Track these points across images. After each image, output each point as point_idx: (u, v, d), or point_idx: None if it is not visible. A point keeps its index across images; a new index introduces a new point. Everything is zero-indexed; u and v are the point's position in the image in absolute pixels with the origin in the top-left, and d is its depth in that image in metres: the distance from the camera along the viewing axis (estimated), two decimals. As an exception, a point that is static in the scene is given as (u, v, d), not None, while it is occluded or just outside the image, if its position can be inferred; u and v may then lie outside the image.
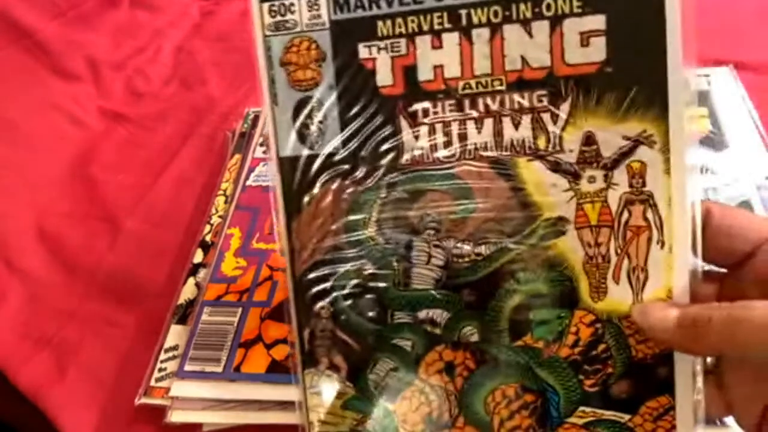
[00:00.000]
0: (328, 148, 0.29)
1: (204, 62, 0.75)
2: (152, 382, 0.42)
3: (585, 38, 0.26)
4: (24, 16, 0.73)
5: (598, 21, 0.26)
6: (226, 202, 0.53)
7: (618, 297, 0.27)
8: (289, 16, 0.28)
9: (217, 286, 0.46)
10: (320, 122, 0.29)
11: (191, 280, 0.48)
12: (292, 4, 0.28)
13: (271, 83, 0.29)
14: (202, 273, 0.48)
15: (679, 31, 0.25)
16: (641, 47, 0.25)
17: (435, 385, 0.29)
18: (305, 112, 0.29)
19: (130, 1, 0.82)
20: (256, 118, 0.61)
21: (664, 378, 0.27)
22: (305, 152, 0.29)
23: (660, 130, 0.26)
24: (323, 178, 0.29)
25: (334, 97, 0.28)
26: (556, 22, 0.26)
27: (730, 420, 0.30)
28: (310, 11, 0.28)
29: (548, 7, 0.26)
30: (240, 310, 0.44)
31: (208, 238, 0.51)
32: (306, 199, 0.29)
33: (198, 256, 0.50)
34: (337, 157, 0.29)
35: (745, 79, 0.52)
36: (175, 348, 0.43)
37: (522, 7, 0.26)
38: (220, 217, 0.52)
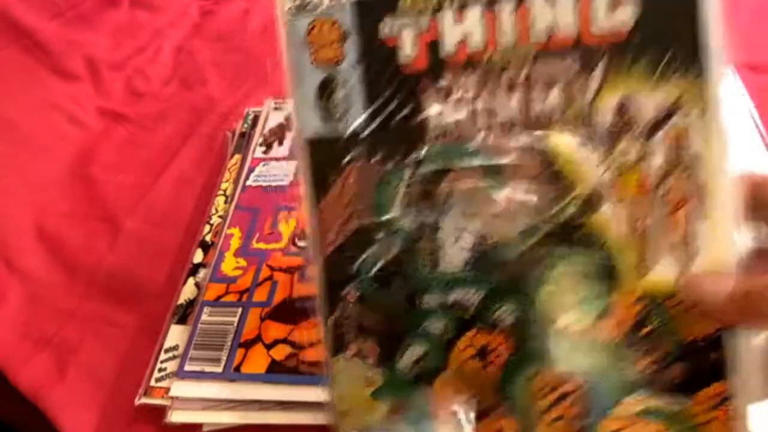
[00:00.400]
0: (352, 127, 0.28)
1: (204, 62, 0.75)
2: (152, 382, 0.42)
3: (614, 2, 0.24)
4: (24, 16, 0.73)
5: None
6: (226, 202, 0.53)
7: (662, 274, 0.25)
8: (311, 5, 0.28)
9: (217, 286, 0.46)
10: (344, 101, 0.28)
11: (191, 280, 0.48)
12: None
13: (294, 64, 0.29)
14: (202, 273, 0.48)
15: (717, 5, 0.23)
16: (675, 8, 0.23)
17: (468, 371, 0.28)
18: (329, 91, 0.28)
19: (130, 1, 0.82)
20: (256, 118, 0.61)
21: (718, 361, 0.24)
22: (330, 132, 0.28)
23: (698, 96, 0.23)
24: (348, 157, 0.28)
25: (357, 75, 0.28)
26: None
27: None
28: None
29: None
30: (240, 310, 0.44)
31: (208, 238, 0.51)
32: (331, 180, 0.29)
33: (198, 256, 0.50)
34: (361, 136, 0.28)
35: (745, 79, 0.52)
36: (175, 348, 0.43)
37: None
38: (220, 217, 0.52)
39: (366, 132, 0.28)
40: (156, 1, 0.83)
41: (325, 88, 0.28)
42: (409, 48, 0.27)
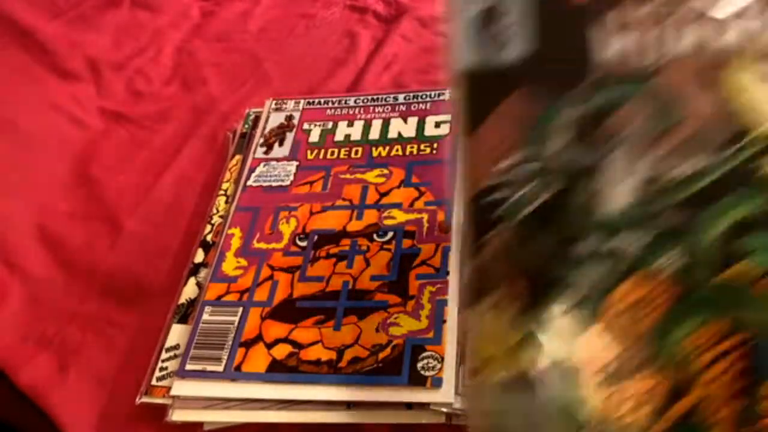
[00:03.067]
0: (513, 57, 0.26)
1: (205, 62, 0.75)
2: (153, 382, 0.42)
3: None
4: (24, 16, 0.73)
5: None
6: (226, 202, 0.53)
7: None
8: None
9: (218, 286, 0.46)
10: (507, 30, 0.26)
11: (192, 280, 0.48)
12: None
13: None
14: (203, 273, 0.48)
15: None
16: None
17: (624, 324, 0.25)
18: (493, 17, 0.26)
19: (131, 1, 0.82)
20: (257, 118, 0.61)
21: None
22: (490, 60, 0.26)
23: None
24: (507, 88, 0.26)
25: (522, 3, 0.26)
26: None
27: None
28: None
29: None
30: (240, 309, 0.44)
31: (209, 238, 0.51)
32: (486, 112, 0.26)
33: (199, 256, 0.50)
34: (523, 67, 0.26)
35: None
36: (176, 347, 0.44)
37: None
38: (220, 217, 0.52)
39: (528, 63, 0.26)
40: (156, 1, 0.83)
41: (489, 15, 0.26)
42: None
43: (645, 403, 0.24)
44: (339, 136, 0.57)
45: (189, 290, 0.47)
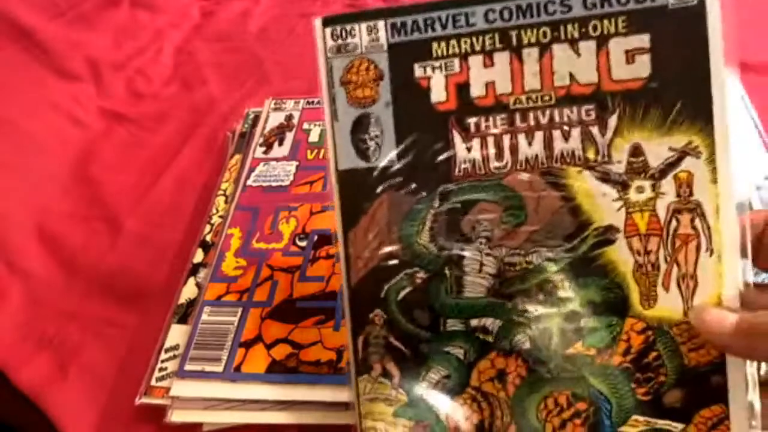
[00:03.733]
0: (383, 161, 0.30)
1: (204, 62, 0.75)
2: (153, 382, 0.42)
3: (630, 56, 0.27)
4: (24, 16, 0.73)
5: (642, 40, 0.27)
6: (226, 202, 0.53)
7: (668, 305, 0.27)
8: (350, 40, 0.31)
9: (218, 286, 0.46)
10: (377, 137, 0.30)
11: (191, 280, 0.48)
12: (353, 29, 0.31)
13: (332, 101, 0.31)
14: (202, 273, 0.48)
15: (721, 48, 0.26)
16: (685, 64, 0.26)
17: (487, 392, 0.30)
18: (363, 127, 0.30)
19: (131, 1, 0.82)
20: (257, 118, 0.61)
21: (718, 386, 0.27)
22: (362, 165, 0.31)
23: (705, 142, 0.26)
24: (379, 189, 0.31)
25: (390, 113, 0.30)
26: (602, 41, 0.27)
27: None
28: (369, 35, 0.30)
29: (594, 27, 0.27)
30: (240, 309, 0.44)
31: (208, 238, 0.51)
32: (362, 209, 0.31)
33: (198, 256, 0.50)
34: (392, 170, 0.30)
35: (746, 80, 0.52)
36: (175, 348, 0.43)
37: (570, 27, 0.28)
38: (220, 217, 0.52)
39: (397, 166, 0.30)
40: (156, 1, 0.83)
41: (360, 125, 0.30)
42: (440, 89, 0.29)
43: None
44: (339, 136, 0.57)
45: (188, 290, 0.47)
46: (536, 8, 0.28)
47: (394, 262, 0.31)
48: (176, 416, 0.40)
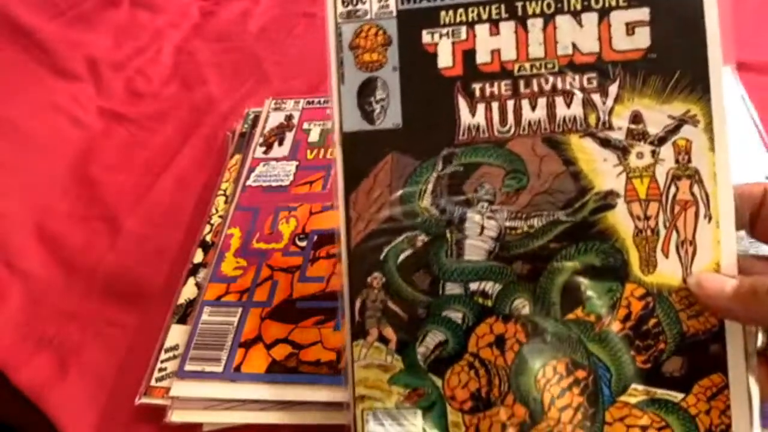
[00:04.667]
0: (388, 124, 0.31)
1: (204, 62, 0.75)
2: (152, 382, 0.42)
3: (630, 28, 0.28)
4: (24, 16, 0.73)
5: (642, 13, 0.28)
6: (226, 202, 0.53)
7: (668, 270, 0.27)
8: (360, 6, 0.31)
9: (218, 286, 0.46)
10: (383, 100, 0.31)
11: (191, 280, 0.48)
12: (365, 1, 0.31)
13: (339, 64, 0.31)
14: (202, 273, 0.48)
15: (717, 21, 0.27)
16: (683, 36, 0.27)
17: (485, 359, 0.29)
18: (369, 91, 0.31)
19: (131, 1, 0.82)
20: (257, 118, 0.61)
21: (717, 355, 0.26)
22: (367, 127, 0.31)
23: (703, 111, 0.27)
24: (383, 151, 0.31)
25: (397, 77, 0.30)
26: (603, 13, 0.28)
27: None
28: (379, 2, 0.31)
29: (596, 0, 0.28)
30: (240, 310, 0.44)
31: (208, 238, 0.51)
32: (364, 172, 0.31)
33: (198, 256, 0.50)
34: (396, 133, 0.30)
35: (746, 79, 0.52)
36: (175, 348, 0.43)
37: (569, 6, 0.29)
38: (220, 217, 0.52)
39: (402, 129, 0.30)
40: (156, 1, 0.83)
41: (366, 88, 0.31)
42: (447, 55, 0.30)
43: (508, 429, 0.28)
44: (339, 136, 0.57)
45: (188, 290, 0.47)
46: None
47: (395, 224, 0.31)
48: (176, 416, 0.40)
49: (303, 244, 0.48)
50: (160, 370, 0.42)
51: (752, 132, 0.48)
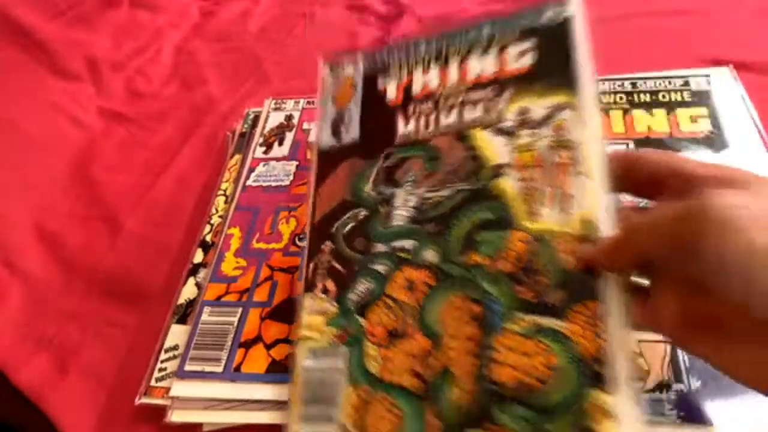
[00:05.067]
0: (348, 140, 0.42)
1: (204, 62, 0.75)
2: (152, 382, 0.42)
3: (521, 53, 0.38)
4: (24, 16, 0.73)
5: (530, 42, 0.37)
6: (226, 202, 0.53)
7: (550, 219, 0.32)
8: (340, 72, 0.45)
9: (218, 286, 0.46)
10: (347, 125, 0.43)
11: (191, 280, 0.48)
12: (343, 65, 0.45)
13: (323, 105, 0.44)
14: (202, 273, 0.48)
15: (584, 43, 0.35)
16: (557, 52, 0.36)
17: (398, 299, 0.35)
18: (339, 120, 0.43)
19: (131, 1, 0.82)
20: (257, 118, 0.61)
21: (593, 286, 0.30)
22: (335, 144, 0.43)
23: (575, 100, 0.34)
24: (344, 158, 0.42)
25: (358, 110, 0.43)
26: (503, 48, 0.38)
27: (717, 419, 0.34)
28: (354, 67, 0.44)
29: (499, 42, 0.39)
30: (240, 310, 0.44)
31: (208, 238, 0.51)
32: (329, 173, 0.42)
33: (198, 256, 0.50)
34: (354, 145, 0.42)
35: (745, 79, 0.52)
36: (175, 348, 0.43)
37: (482, 43, 0.39)
38: (220, 217, 0.52)
39: (358, 142, 0.42)
40: (156, 1, 0.83)
41: (338, 120, 0.43)
42: (392, 92, 0.42)
43: (414, 358, 0.33)
44: (339, 136, 0.57)
45: (188, 290, 0.47)
46: (460, 35, 0.40)
47: (346, 205, 0.40)
48: (176, 416, 0.40)
49: (303, 244, 0.48)
50: (160, 370, 0.42)
51: (752, 132, 0.48)
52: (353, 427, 0.33)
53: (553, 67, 0.36)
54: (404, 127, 0.40)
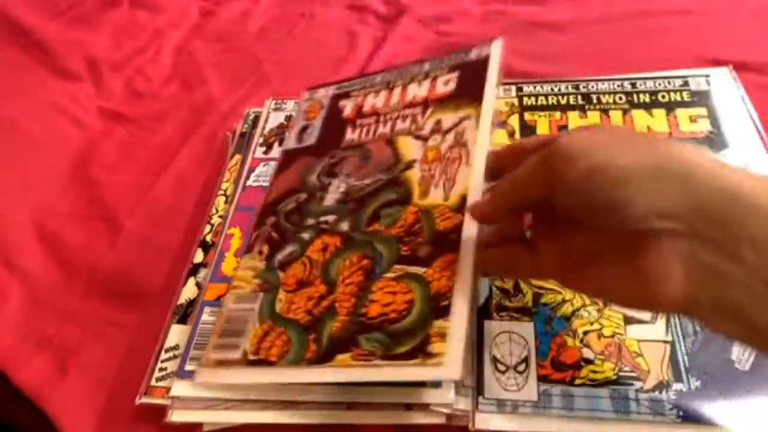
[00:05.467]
0: (307, 143, 0.53)
1: (204, 62, 0.75)
2: (153, 382, 0.42)
3: (446, 82, 0.49)
4: (24, 16, 0.73)
5: (454, 75, 0.49)
6: (226, 202, 0.53)
7: (435, 197, 0.41)
8: (314, 95, 0.58)
9: (218, 286, 0.46)
10: (310, 132, 0.54)
11: (192, 280, 0.48)
12: (317, 91, 0.58)
13: (296, 120, 0.56)
14: (202, 273, 0.48)
15: (494, 72, 0.46)
16: (473, 81, 0.47)
17: (312, 258, 0.43)
18: (305, 129, 0.55)
19: (131, 1, 0.82)
20: (257, 118, 0.61)
21: (454, 241, 0.38)
22: (297, 146, 0.54)
23: (476, 113, 0.44)
24: (300, 156, 0.52)
25: (321, 122, 0.54)
26: (434, 79, 0.50)
27: (717, 419, 0.34)
28: (326, 92, 0.57)
29: (431, 75, 0.51)
30: (240, 309, 0.44)
31: (208, 238, 0.51)
32: (286, 166, 0.52)
33: (198, 256, 0.50)
34: (310, 147, 0.53)
35: (745, 79, 0.52)
36: (175, 348, 0.44)
37: (420, 77, 0.51)
38: (220, 217, 0.52)
39: (315, 145, 0.53)
40: (156, 1, 0.83)
41: (303, 129, 0.55)
42: (348, 110, 0.54)
43: (311, 300, 0.41)
44: (338, 136, 0.58)
45: (188, 290, 0.47)
46: (406, 72, 0.53)
47: (291, 191, 0.49)
48: (176, 416, 0.40)
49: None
50: (161, 369, 0.42)
51: (752, 132, 0.48)
52: (251, 353, 0.40)
53: (468, 89, 0.46)
54: (351, 134, 0.51)
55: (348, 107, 0.53)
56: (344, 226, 0.44)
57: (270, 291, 0.43)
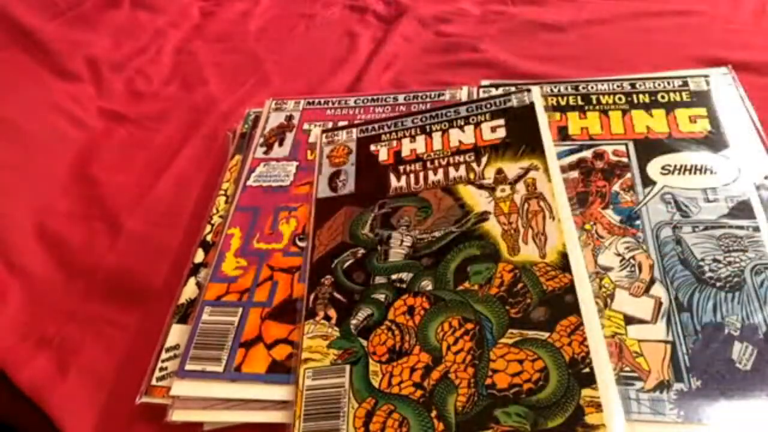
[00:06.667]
0: (345, 192, 0.51)
1: (204, 62, 0.76)
2: (153, 382, 0.42)
3: (493, 128, 0.50)
4: (24, 16, 0.73)
5: (501, 120, 0.51)
6: (226, 202, 0.54)
7: (528, 252, 0.41)
8: (334, 137, 0.55)
9: (218, 286, 0.46)
10: (344, 180, 0.51)
11: (192, 280, 0.48)
12: (337, 133, 0.56)
13: (320, 164, 0.53)
14: (202, 273, 0.48)
15: (544, 121, 0.49)
16: (524, 128, 0.49)
17: (399, 323, 0.40)
18: (335, 176, 0.52)
19: (131, 1, 0.82)
20: (257, 118, 0.61)
21: (571, 302, 0.38)
22: (332, 194, 0.51)
23: (541, 162, 0.46)
24: (341, 206, 0.49)
25: (354, 168, 0.52)
26: (477, 124, 0.51)
27: (708, 419, 0.34)
28: (347, 134, 0.55)
29: (474, 120, 0.52)
30: (240, 310, 0.44)
31: (208, 238, 0.51)
32: (327, 217, 0.49)
33: (199, 256, 0.50)
34: (350, 195, 0.50)
35: (745, 80, 0.52)
36: (175, 347, 0.44)
37: (459, 121, 0.52)
38: (220, 217, 0.52)
39: (354, 193, 0.50)
40: (156, 1, 0.83)
41: (334, 176, 0.52)
42: (384, 155, 0.52)
43: (415, 371, 0.38)
44: (339, 136, 0.58)
45: (189, 290, 0.47)
46: (440, 114, 0.53)
47: (344, 246, 0.46)
48: (176, 416, 0.40)
49: (303, 244, 0.48)
50: (161, 369, 0.42)
51: (752, 132, 0.48)
52: None
53: (522, 138, 0.48)
54: (396, 182, 0.49)
55: (383, 152, 0.52)
56: (426, 284, 0.42)
57: (357, 362, 0.39)
